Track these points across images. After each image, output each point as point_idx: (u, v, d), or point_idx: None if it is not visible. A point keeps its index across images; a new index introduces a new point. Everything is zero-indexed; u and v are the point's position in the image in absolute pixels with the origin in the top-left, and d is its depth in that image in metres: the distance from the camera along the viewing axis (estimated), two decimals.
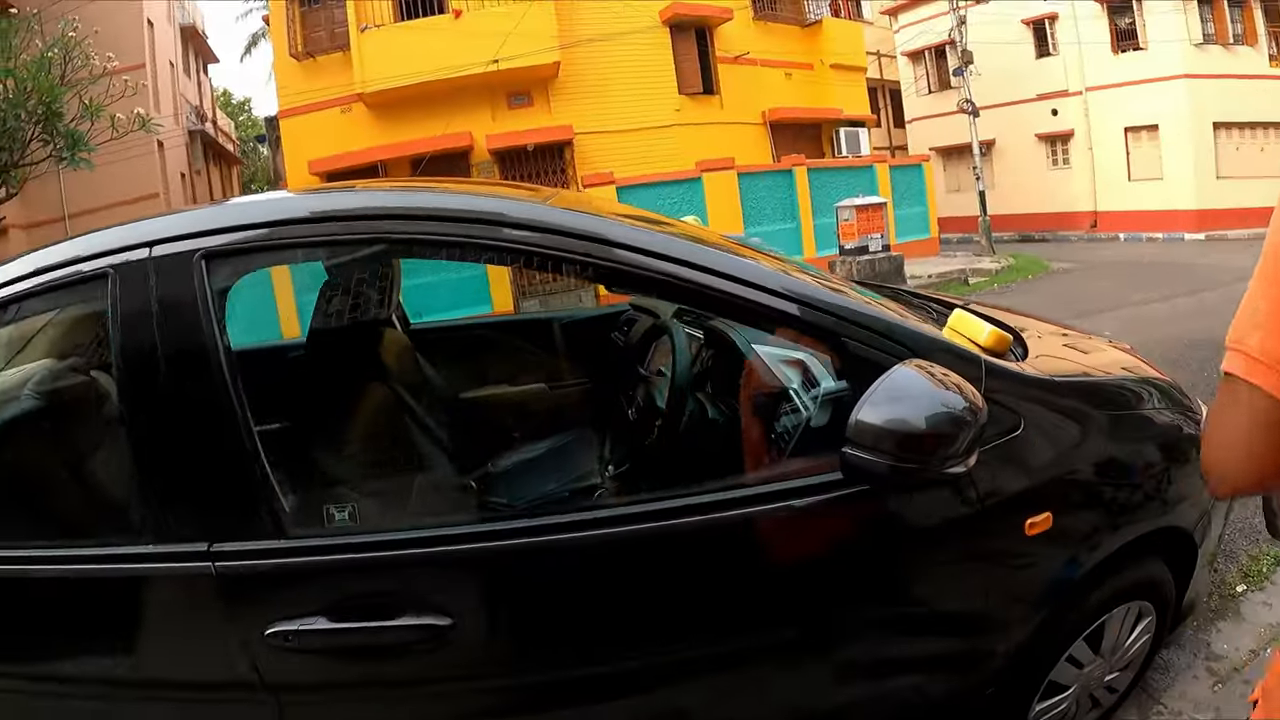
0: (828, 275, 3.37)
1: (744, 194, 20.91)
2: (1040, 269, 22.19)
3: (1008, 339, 2.87)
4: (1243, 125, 31.97)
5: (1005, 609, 2.82)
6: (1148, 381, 3.35)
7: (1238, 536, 5.51)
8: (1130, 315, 14.13)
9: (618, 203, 5.23)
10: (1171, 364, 9.55)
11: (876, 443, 2.16)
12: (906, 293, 4.39)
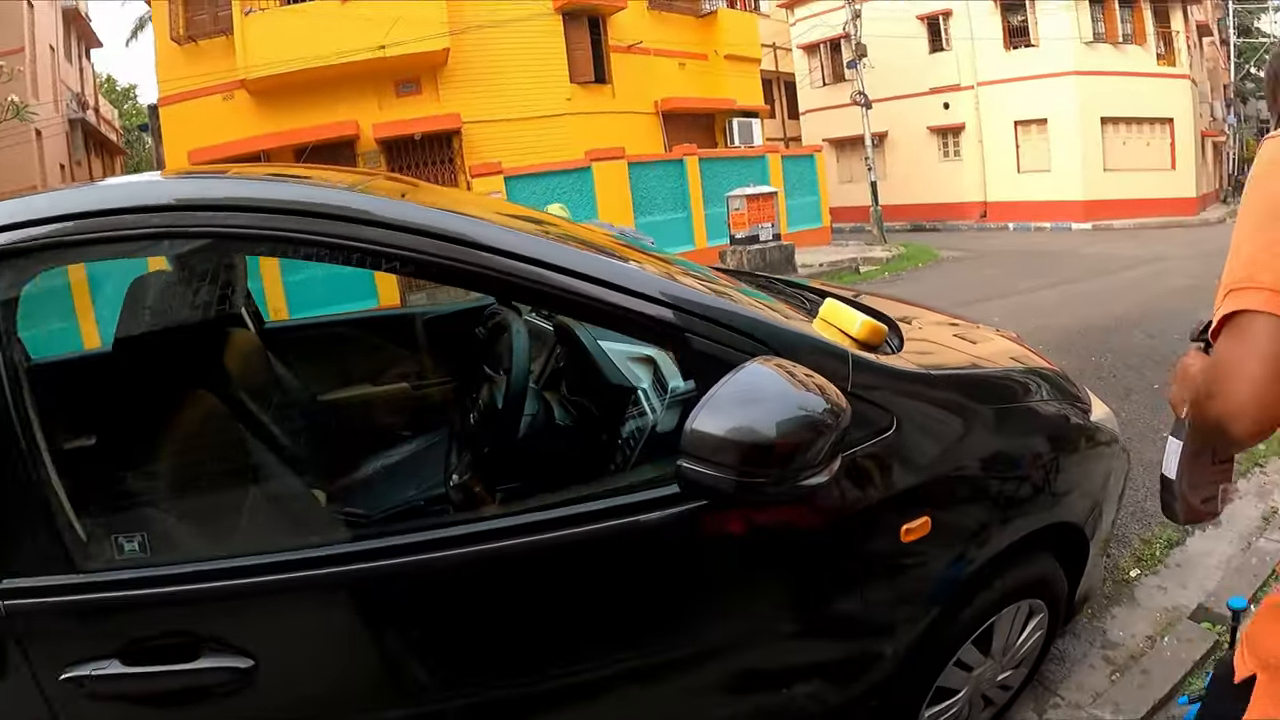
0: (696, 268, 3.18)
1: (634, 184, 20.69)
2: (930, 257, 22.44)
3: (882, 330, 2.71)
4: (1130, 120, 33.63)
5: (883, 618, 2.67)
6: (1033, 371, 3.26)
7: (1129, 520, 5.44)
8: (1019, 303, 14.19)
9: (481, 195, 4.83)
10: (1061, 351, 9.65)
11: (717, 454, 1.91)
12: (782, 282, 4.14)
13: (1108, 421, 3.49)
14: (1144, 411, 7.67)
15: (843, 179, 37.50)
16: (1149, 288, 15.37)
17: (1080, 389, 3.46)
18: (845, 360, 2.42)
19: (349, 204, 2.21)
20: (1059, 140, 33.41)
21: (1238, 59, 53.25)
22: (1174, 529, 5.30)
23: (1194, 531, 5.35)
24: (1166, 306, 12.96)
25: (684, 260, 3.39)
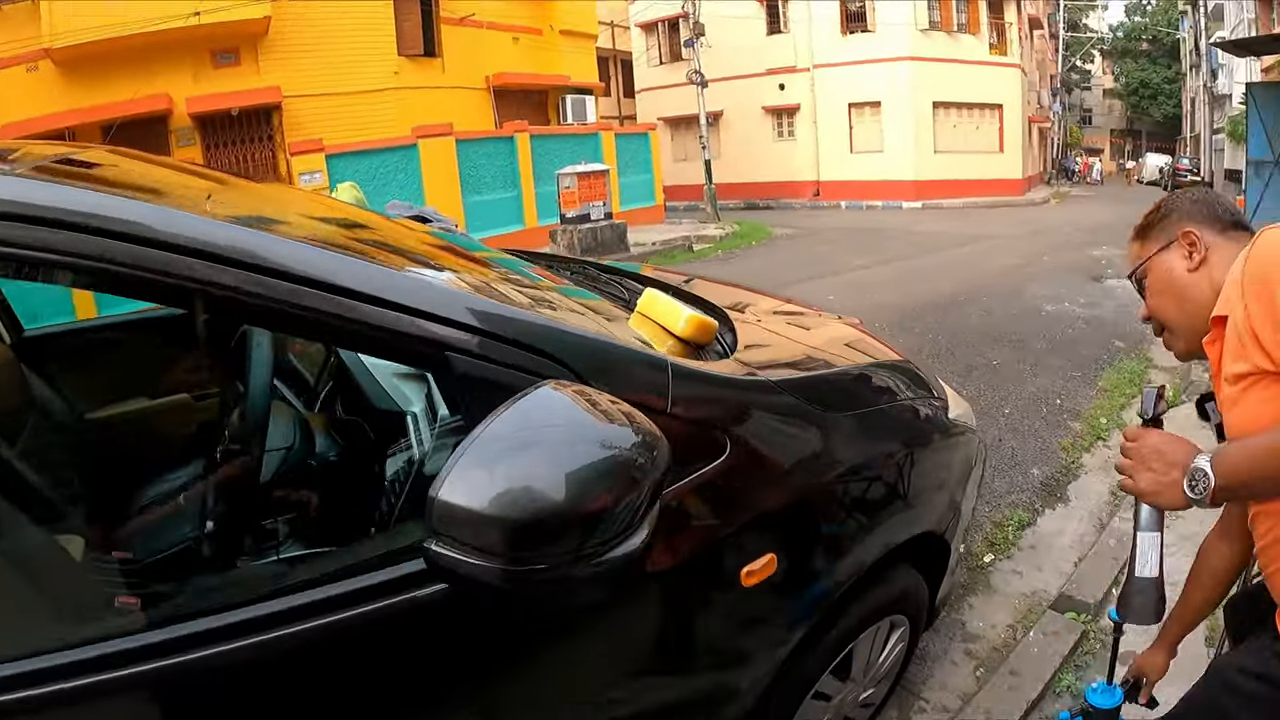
0: (509, 263, 2.82)
1: (463, 162, 19.91)
2: (764, 235, 22.40)
3: (712, 326, 2.33)
4: (961, 105, 35.05)
5: (725, 667, 2.25)
6: (885, 367, 2.95)
7: (979, 504, 5.18)
8: (853, 280, 14.02)
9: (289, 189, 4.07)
10: (898, 329, 9.48)
11: (478, 538, 1.33)
12: (600, 268, 3.64)
13: (965, 416, 3.18)
14: (985, 389, 7.44)
15: (678, 158, 37.51)
16: (979, 265, 15.45)
17: (933, 381, 3.16)
18: (664, 371, 1.93)
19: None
20: (892, 123, 34.24)
21: (1065, 51, 55.93)
22: (1023, 510, 5.17)
23: (1044, 511, 5.26)
24: (998, 284, 12.92)
25: (500, 256, 3.02)
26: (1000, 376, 7.79)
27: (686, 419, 1.92)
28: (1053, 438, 6.33)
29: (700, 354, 2.30)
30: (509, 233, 19.94)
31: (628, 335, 2.13)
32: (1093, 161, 54.87)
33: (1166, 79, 64.42)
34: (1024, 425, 6.60)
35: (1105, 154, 68.86)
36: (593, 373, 1.75)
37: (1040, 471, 5.75)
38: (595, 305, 2.44)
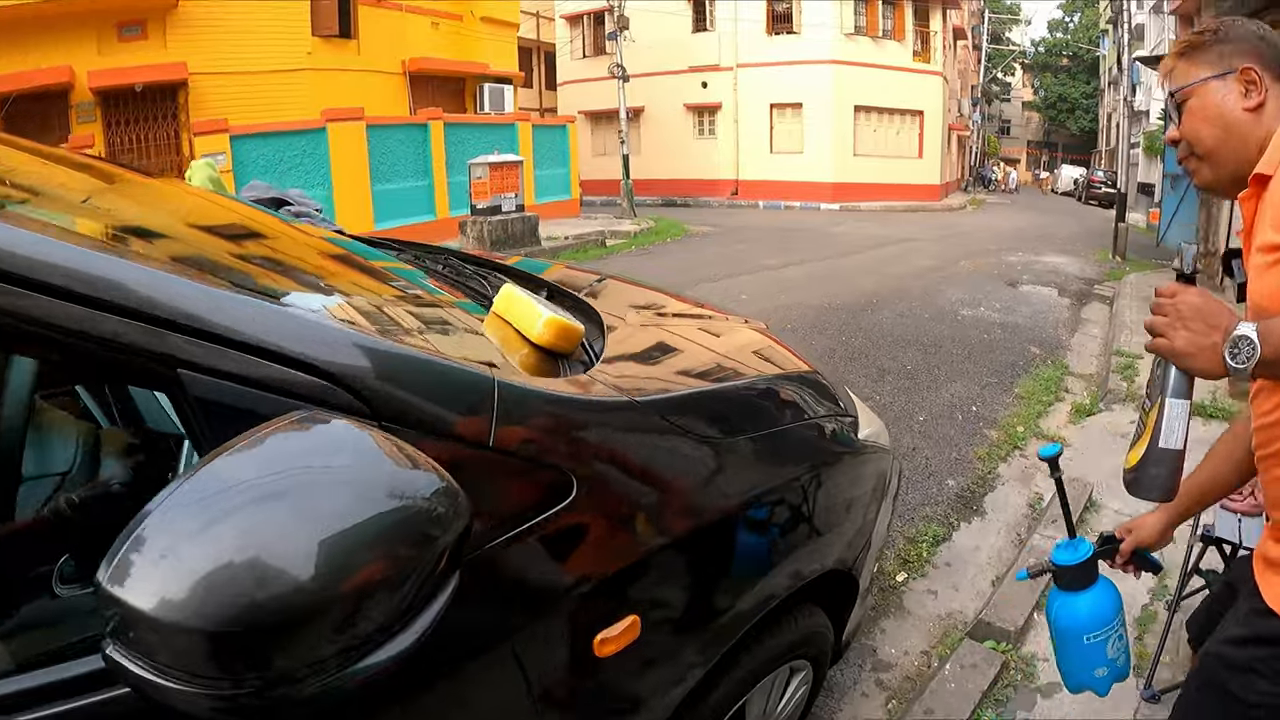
0: (358, 249, 2.55)
1: (374, 148, 19.19)
2: (680, 232, 22.10)
3: (575, 332, 2.02)
4: (882, 110, 35.35)
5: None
6: (787, 378, 2.57)
7: (891, 517, 4.88)
8: (767, 279, 13.65)
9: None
10: (812, 330, 9.30)
11: (169, 649, 0.91)
12: (480, 264, 3.22)
13: (878, 434, 2.84)
14: (899, 395, 7.16)
15: (597, 152, 37.34)
16: (895, 267, 15.25)
17: (842, 394, 2.85)
18: (487, 393, 1.50)
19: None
20: (813, 124, 34.38)
21: (987, 63, 56.93)
22: (938, 524, 4.88)
23: (960, 525, 4.98)
24: (914, 287, 12.70)
25: (350, 243, 2.71)
26: (914, 382, 7.50)
27: (518, 454, 1.53)
28: (968, 447, 6.05)
29: (562, 365, 1.96)
30: (419, 223, 19.42)
31: (467, 345, 1.80)
32: (1010, 171, 55.61)
33: (1085, 94, 65.97)
34: (938, 433, 6.31)
35: (1022, 164, 70.17)
36: (381, 396, 1.33)
37: (956, 483, 5.46)
38: (439, 306, 2.10)
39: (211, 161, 3.63)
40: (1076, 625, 2.09)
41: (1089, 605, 2.08)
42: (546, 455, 1.58)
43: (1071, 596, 2.11)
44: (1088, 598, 2.08)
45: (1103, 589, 2.10)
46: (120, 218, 1.78)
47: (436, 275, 2.66)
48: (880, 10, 34.62)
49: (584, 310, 2.47)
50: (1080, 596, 2.09)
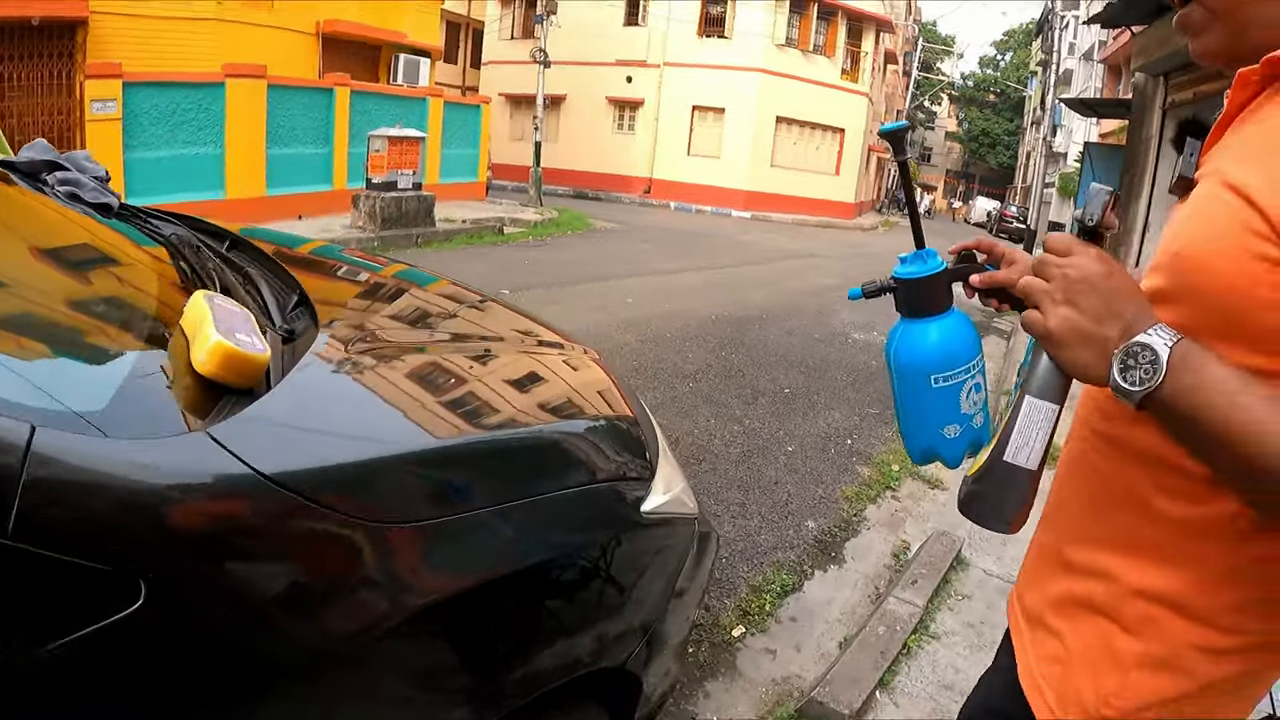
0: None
1: (273, 109, 18.26)
2: (582, 225, 21.61)
3: (251, 364, 1.58)
4: (804, 123, 35.39)
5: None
6: (567, 428, 2.14)
7: (737, 561, 4.46)
8: (659, 283, 13.21)
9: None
10: (691, 340, 8.91)
11: None
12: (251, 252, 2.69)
13: (675, 503, 2.31)
14: (769, 419, 6.69)
15: (514, 136, 36.90)
16: (794, 282, 14.93)
17: (650, 437, 2.42)
18: (14, 454, 1.08)
19: None
20: (733, 130, 34.34)
21: (915, 90, 57.58)
22: (788, 572, 4.38)
23: (814, 573, 4.48)
24: (809, 304, 12.35)
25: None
26: (790, 406, 7.08)
27: (54, 545, 1.09)
28: (836, 484, 5.61)
29: (233, 404, 1.54)
30: (314, 191, 18.73)
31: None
32: (926, 197, 56.15)
33: (1007, 131, 67.26)
34: (806, 467, 5.86)
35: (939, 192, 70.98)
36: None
37: (816, 524, 5.00)
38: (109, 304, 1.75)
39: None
40: (921, 361, 1.62)
41: (939, 335, 1.60)
42: (97, 544, 1.14)
43: (916, 324, 1.62)
44: (937, 325, 1.61)
45: (957, 318, 1.61)
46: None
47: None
48: (814, 25, 34.68)
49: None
50: (928, 324, 1.61)
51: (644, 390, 7.06)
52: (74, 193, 2.76)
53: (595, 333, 8.88)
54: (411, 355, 2.18)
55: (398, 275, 3.25)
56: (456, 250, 15.89)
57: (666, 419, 6.43)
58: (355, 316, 2.39)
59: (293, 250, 3.07)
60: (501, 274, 12.90)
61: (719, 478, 5.47)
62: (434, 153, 21.73)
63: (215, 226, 3.01)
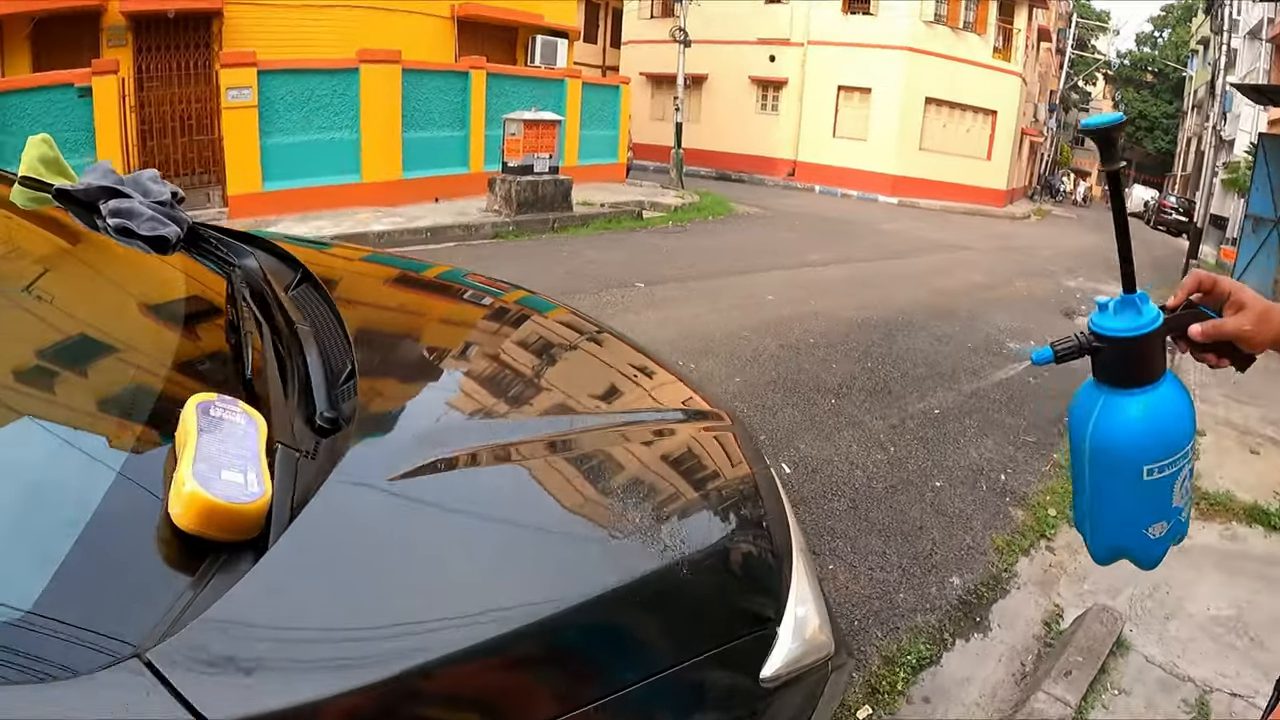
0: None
1: (409, 93, 18.28)
2: (724, 210, 21.04)
3: (239, 516, 1.22)
4: (954, 105, 33.91)
5: None
6: (694, 567, 1.61)
7: (870, 624, 3.92)
8: (802, 278, 12.60)
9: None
10: (833, 347, 8.34)
11: None
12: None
13: (806, 647, 1.74)
14: (917, 449, 6.07)
15: (655, 116, 36.51)
16: (942, 280, 14.07)
17: (781, 556, 1.84)
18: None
19: None
20: (880, 111, 33.28)
21: (1069, 69, 55.27)
22: (927, 641, 3.80)
23: (954, 642, 3.88)
24: (959, 306, 11.54)
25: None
26: (940, 431, 6.43)
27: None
28: (987, 531, 4.97)
29: (221, 564, 1.21)
30: (451, 174, 18.77)
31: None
32: (1080, 183, 53.96)
33: (1166, 114, 64.26)
34: (954, 507, 5.23)
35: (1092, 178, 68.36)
36: None
37: (961, 581, 4.40)
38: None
39: (46, 138, 2.69)
40: (1134, 447, 1.26)
41: (1157, 412, 1.25)
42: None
43: (1125, 398, 1.27)
44: (1153, 399, 1.26)
45: (1173, 387, 1.29)
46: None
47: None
48: (964, 1, 33.20)
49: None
50: (1141, 397, 1.26)
51: (781, 408, 6.52)
52: (125, 225, 2.35)
53: (733, 336, 8.43)
54: (479, 470, 1.69)
55: (519, 302, 2.86)
56: (593, 235, 15.57)
57: (805, 444, 5.89)
58: (420, 398, 1.97)
59: (386, 279, 2.77)
60: (636, 263, 12.51)
61: (858, 520, 4.89)
62: (572, 135, 21.54)
63: (286, 253, 2.60)
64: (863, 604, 4.04)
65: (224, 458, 1.30)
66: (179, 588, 1.16)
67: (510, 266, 12.02)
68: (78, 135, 14.60)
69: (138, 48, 17.53)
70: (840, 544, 4.59)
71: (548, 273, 11.62)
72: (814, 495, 5.17)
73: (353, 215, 15.91)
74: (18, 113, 14.19)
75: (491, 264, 12.33)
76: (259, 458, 1.35)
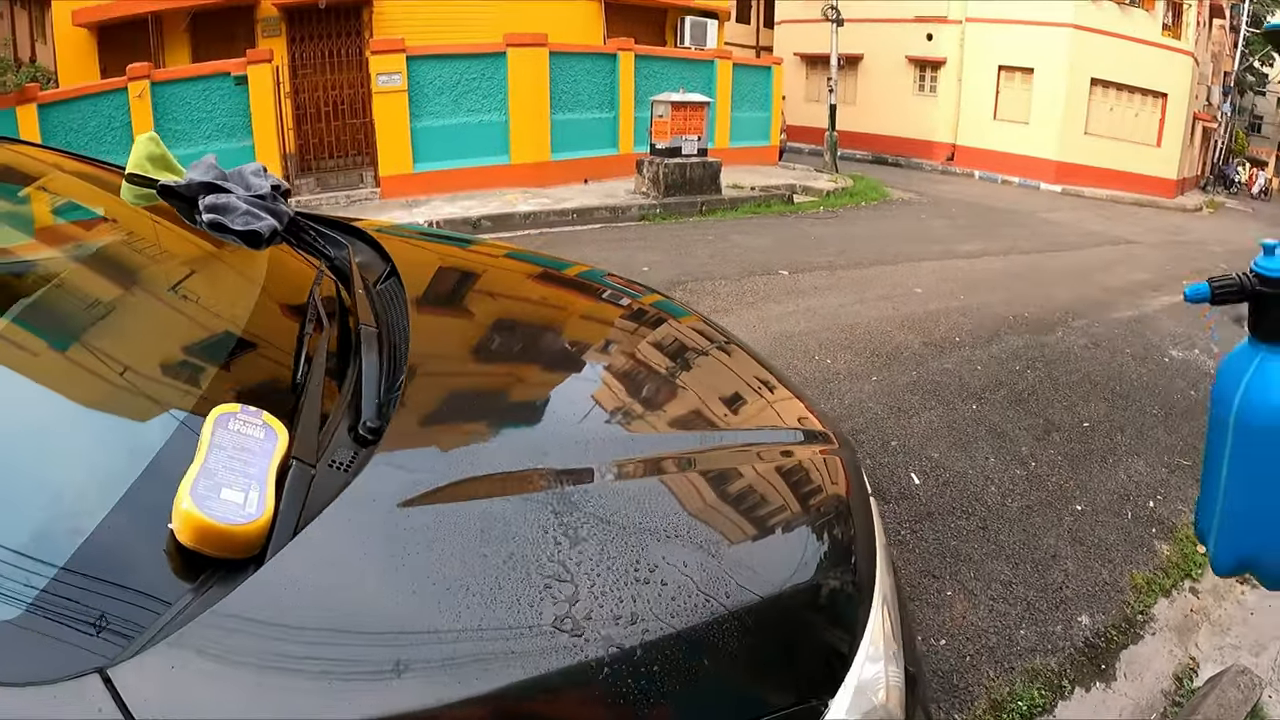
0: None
1: (556, 76, 18.51)
2: (877, 196, 20.62)
3: (234, 538, 1.26)
4: (1121, 86, 32.28)
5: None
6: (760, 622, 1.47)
7: (982, 660, 3.65)
8: (954, 270, 12.17)
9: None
10: (978, 347, 8.06)
11: None
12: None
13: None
14: (1060, 464, 5.71)
15: (810, 97, 35.99)
16: (1105, 276, 13.33)
17: (859, 598, 1.67)
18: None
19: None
20: (1043, 93, 32.13)
21: (1244, 48, 52.32)
22: (1042, 686, 3.50)
23: (1073, 690, 3.55)
24: (1120, 307, 10.83)
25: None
26: (1086, 446, 6.02)
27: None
28: (1126, 565, 4.54)
29: (219, 579, 1.24)
30: (599, 156, 19.04)
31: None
32: (1258, 174, 51.08)
33: None
34: (1094, 536, 4.82)
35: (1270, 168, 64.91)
36: None
37: (1091, 621, 4.02)
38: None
39: (153, 136, 2.72)
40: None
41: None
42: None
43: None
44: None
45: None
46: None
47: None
48: None
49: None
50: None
51: (918, 411, 6.25)
52: (218, 221, 2.41)
53: (876, 330, 8.20)
54: (499, 499, 1.56)
55: (655, 303, 2.82)
56: (740, 219, 15.46)
57: (939, 452, 5.61)
58: (478, 410, 1.88)
59: (526, 275, 2.84)
60: (783, 249, 12.34)
61: (986, 543, 4.58)
62: (723, 116, 21.53)
63: (381, 248, 2.64)
64: (978, 638, 3.78)
65: (229, 475, 1.32)
66: (167, 603, 1.18)
67: (653, 250, 12.01)
68: (235, 121, 15.50)
69: (290, 37, 18.49)
70: (963, 568, 4.32)
71: (690, 256, 11.54)
72: (941, 510, 4.90)
73: (500, 196, 16.15)
74: (178, 101, 15.20)
75: (634, 247, 12.31)
76: (267, 476, 1.36)
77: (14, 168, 2.76)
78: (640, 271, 10.29)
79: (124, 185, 2.59)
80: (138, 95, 15.08)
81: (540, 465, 1.65)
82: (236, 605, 1.16)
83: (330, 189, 16.80)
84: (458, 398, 1.91)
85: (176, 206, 2.51)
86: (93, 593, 1.15)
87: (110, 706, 0.99)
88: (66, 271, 2.08)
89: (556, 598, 1.32)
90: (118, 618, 1.13)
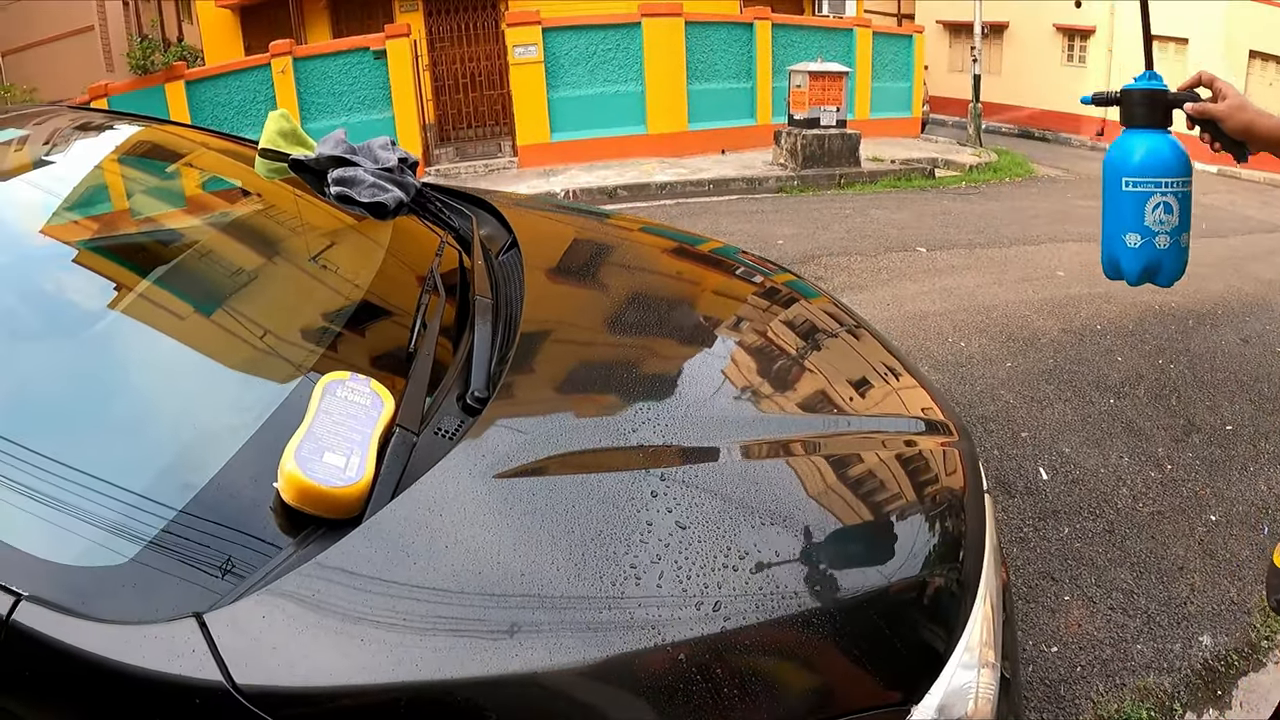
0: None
1: (691, 46, 18.44)
2: (1024, 172, 20.01)
3: (333, 499, 1.35)
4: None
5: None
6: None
7: (1094, 675, 3.56)
8: (1096, 255, 11.25)
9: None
10: (1120, 339, 7.75)
11: None
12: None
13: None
14: (1197, 468, 5.47)
15: (953, 67, 34.95)
16: (1260, 267, 12.48)
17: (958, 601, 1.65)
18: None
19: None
20: (1197, 65, 29.38)
21: None
22: (1152, 708, 3.39)
23: (1183, 715, 3.41)
24: (1273, 301, 10.10)
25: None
26: (1228, 451, 5.74)
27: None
28: (1257, 584, 4.26)
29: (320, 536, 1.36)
30: (737, 126, 18.99)
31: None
32: None
33: None
34: (1226, 550, 4.57)
35: None
36: None
37: (1212, 641, 3.84)
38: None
39: (284, 113, 2.83)
40: (1119, 163, 1.99)
41: (1143, 145, 1.97)
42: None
43: (1129, 134, 2.01)
44: (1144, 137, 1.99)
45: (1165, 138, 1.99)
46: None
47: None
48: None
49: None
50: (1137, 134, 1.99)
51: (1052, 402, 6.12)
52: (345, 193, 2.57)
53: (1013, 314, 8.06)
54: (597, 474, 1.63)
55: (788, 281, 2.92)
56: (879, 193, 15.26)
57: (1071, 447, 5.49)
58: (583, 384, 1.95)
59: (659, 249, 2.92)
60: (922, 225, 12.15)
61: (1111, 547, 4.44)
62: (863, 87, 21.24)
63: (505, 220, 2.73)
64: (1092, 649, 3.69)
65: (333, 439, 1.42)
66: (267, 556, 1.29)
67: (788, 223, 11.93)
68: (375, 94, 16.00)
69: (428, 11, 18.90)
70: (1085, 573, 4.21)
71: (826, 230, 11.45)
72: (1068, 510, 4.79)
73: (637, 165, 16.22)
74: (320, 75, 15.80)
75: (770, 219, 12.26)
76: (369, 442, 1.46)
77: (162, 145, 2.91)
78: (775, 245, 10.28)
79: (257, 160, 2.73)
80: (280, 71, 15.74)
81: (646, 442, 1.71)
82: (330, 560, 1.26)
83: (469, 158, 17.10)
84: (568, 370, 1.99)
85: (307, 180, 2.62)
86: (196, 543, 1.26)
87: (203, 647, 1.08)
88: (201, 240, 2.24)
89: (640, 578, 1.37)
90: (218, 567, 1.25)
